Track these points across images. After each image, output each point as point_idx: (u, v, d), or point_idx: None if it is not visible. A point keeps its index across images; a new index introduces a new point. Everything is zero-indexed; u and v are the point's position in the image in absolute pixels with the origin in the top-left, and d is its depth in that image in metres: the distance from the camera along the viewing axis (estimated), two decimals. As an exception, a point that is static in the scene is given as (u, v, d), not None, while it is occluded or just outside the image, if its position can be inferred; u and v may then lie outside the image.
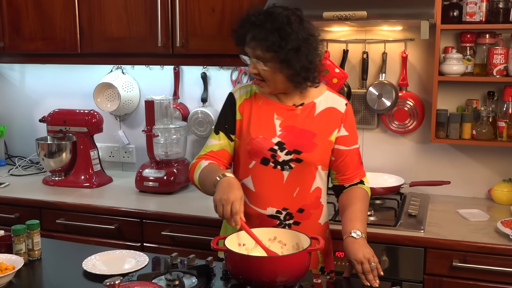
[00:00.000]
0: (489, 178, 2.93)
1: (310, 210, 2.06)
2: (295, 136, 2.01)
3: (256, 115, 2.04)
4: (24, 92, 3.79)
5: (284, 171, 2.01)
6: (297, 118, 2.03)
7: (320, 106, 2.05)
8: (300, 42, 1.89)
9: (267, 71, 1.93)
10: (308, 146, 2.00)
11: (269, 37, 1.87)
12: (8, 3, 3.23)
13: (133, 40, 3.01)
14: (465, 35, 2.78)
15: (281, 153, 2.00)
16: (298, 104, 2.04)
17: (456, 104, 2.92)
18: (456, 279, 2.38)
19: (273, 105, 2.05)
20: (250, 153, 2.02)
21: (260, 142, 2.00)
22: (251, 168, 2.03)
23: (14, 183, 3.31)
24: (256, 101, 2.06)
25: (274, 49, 1.87)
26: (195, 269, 1.83)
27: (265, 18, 1.89)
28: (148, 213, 2.79)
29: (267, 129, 2.02)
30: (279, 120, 2.03)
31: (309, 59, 1.92)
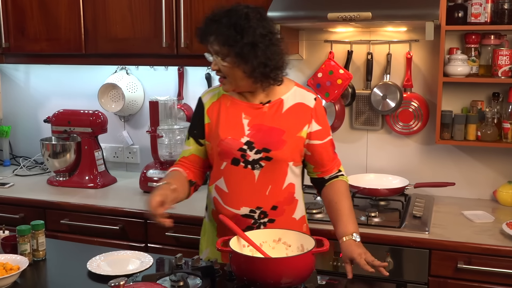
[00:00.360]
0: (494, 180, 2.93)
1: (284, 207, 2.07)
2: (264, 134, 2.02)
3: (225, 117, 2.05)
4: (29, 92, 3.80)
5: (255, 170, 2.02)
6: (264, 116, 2.04)
7: (288, 102, 2.06)
8: (257, 37, 1.91)
9: (226, 67, 1.95)
10: (277, 144, 2.01)
11: (224, 31, 1.90)
12: (13, 4, 3.24)
13: (138, 40, 3.01)
14: (470, 36, 2.78)
15: (251, 152, 2.01)
16: (264, 102, 2.05)
17: (461, 105, 2.91)
18: (461, 281, 2.37)
19: (240, 105, 2.06)
20: (220, 155, 2.04)
21: (229, 143, 2.02)
22: (223, 169, 2.05)
23: (18, 183, 3.32)
24: (224, 102, 2.08)
25: (230, 42, 1.90)
26: (200, 270, 1.83)
27: (223, 14, 1.93)
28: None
29: (236, 129, 2.03)
30: (247, 120, 2.04)
31: (267, 56, 1.93)
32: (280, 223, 2.06)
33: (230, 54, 1.92)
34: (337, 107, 3.03)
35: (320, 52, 3.09)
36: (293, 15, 2.64)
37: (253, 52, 1.91)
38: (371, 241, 2.45)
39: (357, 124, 3.09)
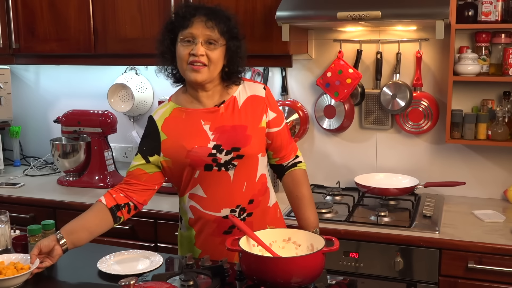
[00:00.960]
0: (504, 179, 2.91)
1: (259, 198, 2.09)
2: (228, 134, 2.02)
3: (184, 128, 2.03)
4: (39, 93, 3.82)
5: (229, 170, 2.02)
6: (223, 117, 2.04)
7: (241, 98, 2.07)
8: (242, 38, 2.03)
9: (216, 53, 1.96)
10: (244, 140, 2.02)
11: (226, 22, 1.97)
12: (23, 5, 3.26)
13: (147, 41, 3.01)
14: (480, 34, 2.76)
15: (221, 154, 2.00)
16: (219, 103, 2.05)
17: (471, 105, 2.89)
18: (471, 281, 2.36)
19: (196, 113, 2.04)
20: (191, 165, 2.01)
21: (197, 151, 2.00)
22: (197, 178, 2.03)
23: (29, 183, 3.34)
24: (178, 116, 2.05)
25: (229, 34, 1.97)
26: (209, 269, 1.83)
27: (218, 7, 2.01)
28: (162, 213, 2.80)
29: (200, 137, 2.01)
30: (208, 125, 2.03)
31: (243, 57, 2.04)
32: (257, 215, 2.09)
33: (223, 45, 1.97)
34: (347, 107, 3.03)
35: (329, 52, 3.09)
36: (302, 15, 2.63)
37: (239, 49, 2.01)
38: (381, 240, 2.45)
39: (366, 124, 3.08)
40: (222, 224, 2.04)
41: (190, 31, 1.94)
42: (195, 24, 1.94)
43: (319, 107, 3.11)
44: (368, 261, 2.48)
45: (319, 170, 3.19)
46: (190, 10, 1.97)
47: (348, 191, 2.98)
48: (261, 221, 2.09)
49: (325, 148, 3.19)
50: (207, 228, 2.06)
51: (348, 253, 2.50)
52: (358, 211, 2.73)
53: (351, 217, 2.62)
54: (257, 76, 3.22)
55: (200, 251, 2.11)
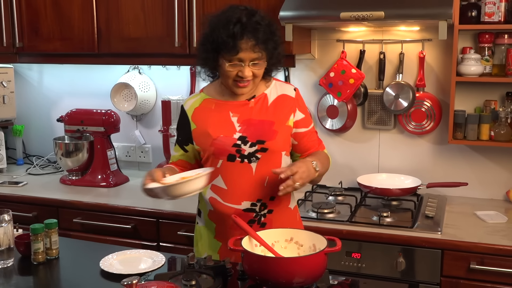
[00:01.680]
0: (507, 180, 2.91)
1: (281, 197, 2.07)
2: (255, 127, 2.05)
3: (212, 119, 2.08)
4: (42, 92, 3.83)
5: (252, 163, 2.05)
6: (252, 111, 2.07)
7: (271, 95, 2.10)
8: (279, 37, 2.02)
9: (261, 71, 2.00)
10: (270, 134, 2.05)
11: (270, 38, 1.96)
12: (27, 4, 3.26)
13: (150, 40, 3.02)
14: (484, 35, 2.76)
15: (245, 146, 2.04)
16: (249, 98, 2.08)
17: (474, 105, 2.89)
18: (473, 282, 2.36)
19: (226, 105, 2.08)
20: (215, 154, 2.06)
21: (222, 140, 2.04)
22: (220, 168, 2.06)
23: (31, 182, 3.35)
24: (208, 106, 2.10)
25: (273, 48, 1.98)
26: (212, 269, 1.83)
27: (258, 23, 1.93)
28: (164, 213, 2.80)
29: (227, 127, 2.06)
30: (236, 117, 2.07)
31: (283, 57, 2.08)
32: (278, 213, 2.10)
33: (264, 55, 1.97)
34: (349, 107, 3.03)
35: (332, 52, 3.09)
36: (305, 15, 2.63)
37: (279, 54, 2.03)
38: (383, 241, 2.45)
39: (369, 124, 3.08)
40: (242, 217, 1.98)
41: (237, 56, 1.94)
42: (243, 49, 1.92)
43: (322, 107, 3.11)
44: (370, 262, 2.48)
45: (321, 170, 3.19)
46: (236, 34, 1.90)
47: (350, 191, 2.98)
48: (281, 220, 2.09)
49: (327, 148, 3.13)
50: (227, 221, 2.06)
51: (350, 253, 2.50)
52: (361, 212, 2.73)
53: (353, 218, 2.62)
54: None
55: (220, 244, 2.12)
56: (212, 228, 2.15)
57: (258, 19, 1.94)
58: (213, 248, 2.15)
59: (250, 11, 1.96)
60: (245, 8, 1.98)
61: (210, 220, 2.14)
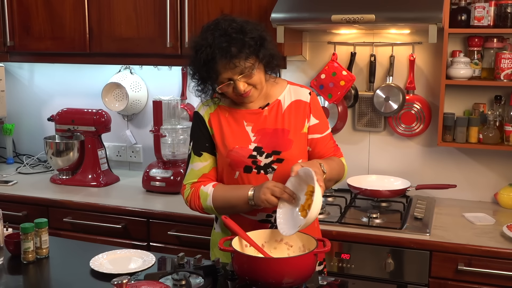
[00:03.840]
0: (495, 182, 2.94)
1: None
2: (270, 137, 2.01)
3: (227, 127, 2.04)
4: (33, 91, 3.82)
5: (268, 174, 2.01)
6: (266, 120, 2.03)
7: (285, 101, 2.06)
8: (260, 31, 1.94)
9: (256, 76, 1.93)
10: (285, 144, 2.01)
11: (244, 45, 1.87)
12: (18, 3, 3.26)
13: (142, 40, 3.03)
14: (473, 39, 2.79)
15: (261, 157, 2.00)
16: (263, 105, 2.05)
17: (463, 108, 2.92)
18: (461, 283, 2.38)
19: (240, 113, 2.04)
20: (231, 165, 2.02)
21: (238, 152, 2.00)
22: (236, 179, 2.03)
23: (21, 181, 3.34)
24: (222, 113, 2.06)
25: (254, 51, 1.90)
26: (202, 269, 1.84)
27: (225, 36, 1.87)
28: (155, 213, 2.80)
29: (241, 137, 2.02)
30: (250, 126, 2.03)
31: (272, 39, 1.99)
32: None
33: (256, 60, 1.91)
34: (340, 109, 3.05)
35: (323, 54, 3.10)
36: (297, 17, 2.65)
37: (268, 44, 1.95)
38: (372, 242, 2.47)
39: (359, 126, 3.10)
40: (257, 227, 1.96)
41: (221, 79, 1.91)
42: (221, 71, 1.89)
43: (313, 108, 3.12)
44: (359, 262, 2.49)
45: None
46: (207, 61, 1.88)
47: (340, 193, 2.99)
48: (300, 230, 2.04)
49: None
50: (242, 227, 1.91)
51: (339, 254, 2.51)
52: (350, 213, 2.75)
53: (343, 219, 2.64)
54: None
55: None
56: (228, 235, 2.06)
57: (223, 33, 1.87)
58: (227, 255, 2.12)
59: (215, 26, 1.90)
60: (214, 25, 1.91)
61: (226, 228, 2.09)
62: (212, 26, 1.92)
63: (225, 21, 1.91)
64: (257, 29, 1.94)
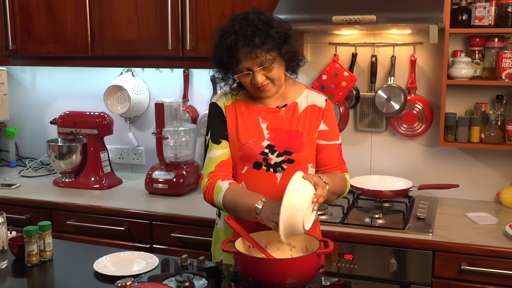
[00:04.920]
0: (497, 182, 2.94)
1: None
2: (284, 137, 2.03)
3: (242, 121, 2.05)
4: (35, 94, 3.83)
5: (277, 173, 2.03)
6: (282, 120, 2.05)
7: (302, 105, 2.08)
8: (286, 28, 1.96)
9: (275, 71, 1.95)
10: (298, 146, 2.03)
11: (268, 37, 1.89)
12: (20, 6, 3.27)
13: (144, 43, 3.03)
14: (474, 39, 2.79)
15: (272, 155, 2.02)
16: (281, 106, 2.07)
17: (465, 108, 2.92)
18: (464, 282, 2.38)
19: (256, 109, 2.06)
20: (242, 159, 2.03)
21: (251, 147, 2.01)
22: (244, 174, 2.04)
23: (24, 184, 3.35)
24: (238, 107, 2.07)
25: (278, 45, 1.91)
26: (205, 270, 1.84)
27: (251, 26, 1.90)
28: (158, 215, 2.81)
29: (255, 133, 2.03)
30: (265, 124, 2.04)
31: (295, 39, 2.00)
32: None
33: (277, 55, 1.93)
34: (342, 109, 3.05)
35: (324, 55, 3.11)
36: (298, 18, 2.65)
37: (292, 41, 1.96)
38: (375, 242, 2.47)
39: (361, 126, 3.10)
40: (260, 226, 1.94)
41: (240, 67, 1.93)
42: (242, 59, 1.91)
43: (314, 109, 3.13)
44: (362, 263, 2.50)
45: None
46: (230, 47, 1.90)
47: (342, 193, 3.00)
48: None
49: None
50: (246, 227, 1.92)
51: (342, 254, 2.52)
52: (353, 213, 2.75)
53: (345, 219, 2.64)
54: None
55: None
56: (230, 232, 2.09)
57: (250, 23, 1.90)
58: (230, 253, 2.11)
59: (244, 17, 1.93)
60: (243, 15, 1.94)
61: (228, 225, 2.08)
62: (240, 16, 1.95)
63: (254, 13, 1.94)
64: (283, 25, 1.97)
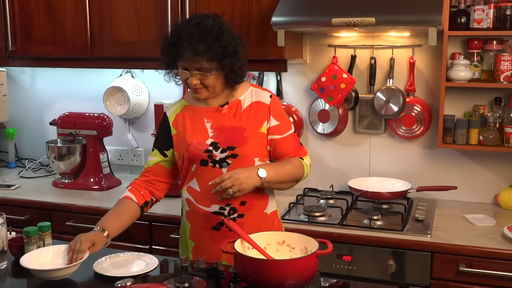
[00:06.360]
0: (495, 184, 2.94)
1: (253, 202, 2.13)
2: (226, 134, 2.10)
3: (190, 124, 2.15)
4: (35, 95, 3.83)
5: (223, 168, 2.10)
6: (225, 117, 2.12)
7: (246, 102, 2.14)
8: (235, 45, 2.03)
9: (210, 79, 2.03)
10: (240, 141, 2.09)
11: (212, 48, 1.97)
12: (20, 8, 3.27)
13: (143, 44, 3.04)
14: (473, 41, 2.80)
15: (217, 152, 2.09)
16: (223, 104, 2.14)
17: (463, 110, 2.93)
18: (462, 284, 2.39)
19: (201, 111, 2.15)
20: (189, 159, 2.13)
21: (195, 146, 2.11)
22: (194, 171, 2.14)
23: (24, 185, 3.35)
24: (187, 112, 2.17)
25: (219, 58, 1.99)
26: (205, 271, 1.85)
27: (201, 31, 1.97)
28: (157, 216, 2.81)
29: (200, 133, 2.12)
30: (210, 123, 2.13)
31: (244, 57, 2.08)
32: (250, 217, 2.13)
33: (216, 67, 2.01)
34: (341, 111, 3.06)
35: (324, 57, 3.12)
36: (297, 20, 2.66)
37: (235, 59, 2.03)
38: (374, 243, 2.48)
39: (360, 128, 3.11)
40: (210, 219, 2.11)
41: (181, 63, 2.03)
42: (185, 57, 2.00)
43: (314, 111, 3.14)
44: (361, 264, 2.50)
45: (313, 174, 3.19)
46: (179, 40, 1.98)
47: (341, 195, 3.01)
48: (255, 225, 2.10)
49: (319, 152, 3.21)
50: (198, 222, 2.14)
51: (341, 256, 2.52)
52: (351, 215, 2.76)
53: (344, 221, 2.65)
54: (252, 80, 3.24)
55: (194, 244, 2.17)
56: (188, 228, 2.20)
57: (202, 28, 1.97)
58: (187, 248, 2.20)
59: (201, 20, 1.99)
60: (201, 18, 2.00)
61: (187, 220, 2.20)
62: (199, 18, 2.02)
63: (212, 20, 2.01)
64: (234, 41, 2.03)
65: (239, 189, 1.98)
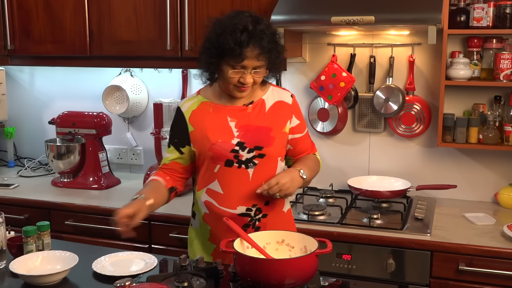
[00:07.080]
0: (495, 182, 2.94)
1: (275, 201, 2.12)
2: (253, 133, 2.07)
3: (210, 122, 2.09)
4: (34, 94, 3.83)
5: (249, 168, 2.07)
6: (250, 117, 2.09)
7: (269, 101, 2.13)
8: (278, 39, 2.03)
9: (260, 78, 2.03)
10: (267, 140, 2.08)
11: (275, 47, 1.99)
12: (19, 6, 3.26)
13: (142, 43, 3.03)
14: (472, 40, 2.80)
15: (243, 152, 2.06)
16: (247, 103, 2.11)
17: (463, 109, 2.93)
18: (462, 283, 2.39)
19: (224, 109, 2.10)
20: (213, 158, 2.07)
21: (221, 145, 2.05)
22: (217, 172, 2.08)
23: (23, 184, 3.35)
24: (206, 109, 2.11)
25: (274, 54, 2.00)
26: (204, 271, 1.85)
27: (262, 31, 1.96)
28: (156, 215, 2.80)
29: (225, 132, 2.07)
30: (234, 122, 2.08)
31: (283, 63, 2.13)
32: (272, 217, 2.12)
33: (266, 63, 2.00)
34: (340, 110, 3.05)
35: (323, 55, 3.11)
36: (297, 19, 2.66)
37: (280, 61, 2.05)
38: (373, 242, 2.47)
39: (359, 127, 3.11)
40: (236, 221, 1.98)
41: (241, 64, 1.96)
42: (248, 57, 1.94)
43: (313, 110, 3.14)
44: (361, 263, 2.50)
45: (312, 173, 3.21)
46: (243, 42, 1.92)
47: (341, 194, 3.00)
48: (275, 224, 2.10)
49: (318, 150, 3.18)
50: (221, 224, 2.00)
51: (340, 255, 2.52)
52: (351, 214, 2.75)
53: (344, 219, 2.65)
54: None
55: (215, 247, 2.13)
56: (206, 231, 2.15)
57: (263, 28, 1.97)
58: (206, 251, 2.17)
59: (255, 19, 1.98)
60: (250, 15, 1.99)
61: (205, 223, 2.15)
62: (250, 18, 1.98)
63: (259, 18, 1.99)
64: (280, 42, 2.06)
65: (286, 193, 1.99)
